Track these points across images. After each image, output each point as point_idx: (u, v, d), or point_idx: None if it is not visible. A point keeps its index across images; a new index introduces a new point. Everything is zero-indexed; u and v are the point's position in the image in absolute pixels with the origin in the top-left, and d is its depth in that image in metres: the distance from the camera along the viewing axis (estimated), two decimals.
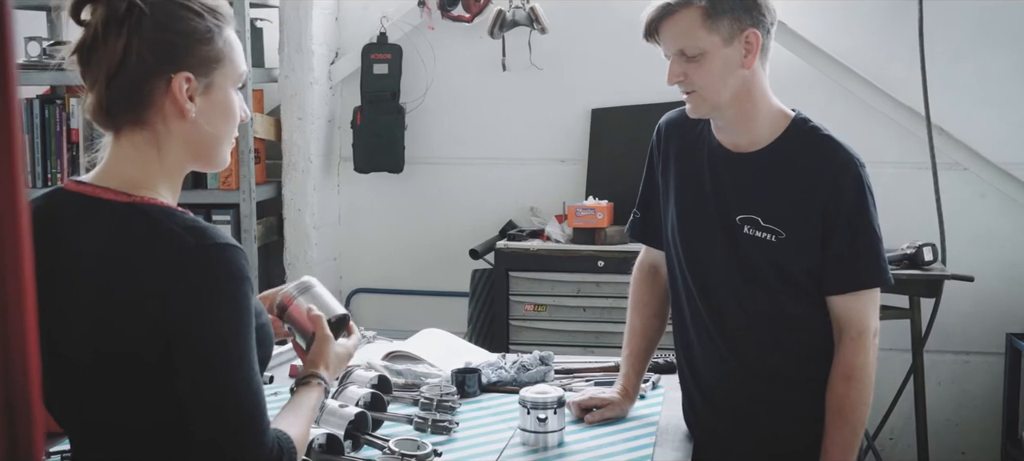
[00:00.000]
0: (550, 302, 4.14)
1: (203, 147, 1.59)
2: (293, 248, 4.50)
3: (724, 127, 2.20)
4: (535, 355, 2.69)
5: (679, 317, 2.34)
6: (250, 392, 1.48)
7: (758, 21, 2.11)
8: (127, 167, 1.55)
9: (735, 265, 2.19)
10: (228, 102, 1.60)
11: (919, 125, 4.14)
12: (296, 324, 1.86)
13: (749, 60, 2.10)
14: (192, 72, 1.53)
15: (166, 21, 1.51)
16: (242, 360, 1.47)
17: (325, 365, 1.77)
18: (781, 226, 2.14)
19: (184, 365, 1.46)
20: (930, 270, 3.82)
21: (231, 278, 1.46)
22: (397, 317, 4.63)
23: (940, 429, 4.27)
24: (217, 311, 1.46)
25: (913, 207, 4.17)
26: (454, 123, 4.61)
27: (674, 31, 2.12)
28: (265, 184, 4.45)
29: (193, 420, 1.48)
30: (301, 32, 4.37)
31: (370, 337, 3.07)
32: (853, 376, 2.13)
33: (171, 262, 1.45)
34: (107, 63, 1.50)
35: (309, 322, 1.83)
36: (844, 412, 2.14)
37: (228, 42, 1.58)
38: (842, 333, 2.15)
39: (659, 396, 2.56)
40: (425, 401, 2.39)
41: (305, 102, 4.41)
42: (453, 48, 4.53)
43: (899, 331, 3.96)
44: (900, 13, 4.14)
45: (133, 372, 1.50)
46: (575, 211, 4.13)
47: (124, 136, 1.56)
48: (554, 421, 2.23)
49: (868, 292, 2.15)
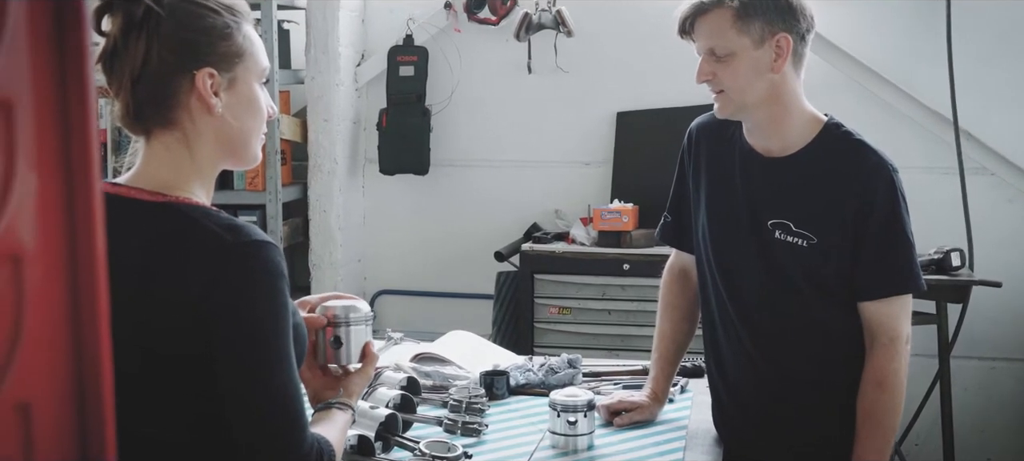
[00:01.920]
0: (575, 305, 4.14)
1: (233, 143, 1.60)
2: (318, 249, 4.51)
3: (755, 131, 2.20)
4: (563, 358, 2.69)
5: (709, 321, 2.34)
6: (290, 389, 1.49)
7: (791, 26, 2.10)
8: (160, 168, 1.57)
9: (765, 270, 2.18)
10: (253, 96, 1.61)
11: (946, 130, 4.11)
12: (341, 346, 1.85)
13: (778, 64, 2.10)
14: (214, 67, 1.55)
15: (184, 20, 1.53)
16: (281, 357, 1.48)
17: (357, 398, 1.82)
18: (813, 231, 2.13)
19: (224, 363, 1.47)
20: (958, 275, 3.80)
21: (269, 275, 1.47)
22: (421, 319, 4.64)
23: (966, 435, 4.24)
24: (256, 308, 1.46)
25: (941, 212, 4.15)
26: (480, 125, 4.62)
27: (705, 30, 2.12)
28: (291, 185, 4.47)
29: (233, 419, 1.48)
30: (327, 34, 4.38)
31: (397, 338, 3.07)
32: (885, 382, 2.13)
33: (210, 260, 1.46)
34: (130, 68, 1.52)
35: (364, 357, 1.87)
36: (876, 418, 2.13)
37: (248, 37, 1.60)
38: (874, 339, 2.14)
39: (688, 400, 2.55)
40: (454, 403, 2.39)
41: (331, 104, 4.43)
42: (479, 51, 4.54)
43: (926, 336, 3.93)
44: (928, 16, 4.12)
45: (175, 376, 1.50)
46: (601, 214, 4.12)
47: (155, 138, 1.57)
48: (584, 424, 2.23)
49: (900, 298, 2.14)
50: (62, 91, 0.69)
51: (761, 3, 2.09)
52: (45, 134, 0.69)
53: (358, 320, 1.86)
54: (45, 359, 0.70)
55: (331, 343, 1.85)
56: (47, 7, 0.69)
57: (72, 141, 0.71)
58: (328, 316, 1.85)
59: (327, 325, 1.85)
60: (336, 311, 1.86)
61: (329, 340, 1.85)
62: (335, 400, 1.78)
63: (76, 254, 0.71)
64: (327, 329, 1.85)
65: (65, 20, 0.69)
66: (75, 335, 0.71)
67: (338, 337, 1.85)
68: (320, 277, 4.52)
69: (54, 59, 0.69)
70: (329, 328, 1.85)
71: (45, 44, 0.68)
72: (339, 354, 1.86)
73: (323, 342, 1.86)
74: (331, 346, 1.85)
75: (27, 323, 0.68)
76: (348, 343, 1.86)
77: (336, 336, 1.85)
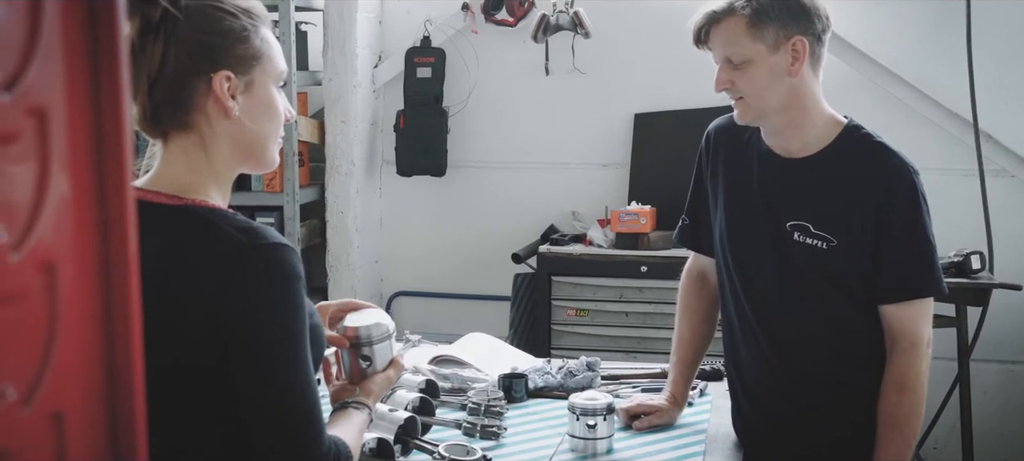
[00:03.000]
0: (592, 307, 4.13)
1: (250, 146, 1.60)
2: (335, 251, 4.52)
3: (773, 133, 2.20)
4: (582, 361, 2.69)
5: (727, 324, 2.33)
6: (307, 391, 1.49)
7: (806, 28, 2.09)
8: (177, 172, 1.56)
9: (784, 272, 2.18)
10: (271, 100, 1.61)
11: (966, 131, 4.09)
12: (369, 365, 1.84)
13: (796, 68, 2.09)
14: (231, 71, 1.54)
15: (201, 23, 1.52)
16: (298, 358, 1.48)
17: (375, 397, 1.81)
18: (832, 233, 2.12)
19: (241, 366, 1.47)
20: (978, 278, 3.78)
21: (286, 277, 1.47)
22: (438, 321, 4.64)
23: (986, 439, 4.21)
24: (272, 311, 1.46)
25: (960, 215, 4.12)
26: (497, 127, 4.62)
27: (720, 39, 2.12)
28: (308, 187, 4.48)
29: (251, 422, 1.48)
30: (345, 35, 4.39)
31: (415, 341, 3.07)
32: (906, 386, 2.12)
33: (226, 263, 1.46)
34: (147, 71, 1.51)
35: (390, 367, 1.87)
36: (897, 423, 2.12)
37: (265, 40, 1.59)
38: (895, 343, 2.13)
39: (707, 403, 2.55)
40: (473, 406, 2.39)
41: (348, 105, 4.43)
42: (496, 52, 4.54)
43: (945, 339, 3.91)
44: (948, 17, 4.10)
45: (194, 380, 1.50)
46: (618, 216, 4.11)
47: (172, 141, 1.57)
48: (603, 428, 2.22)
49: (921, 301, 2.13)
50: (95, 97, 0.69)
51: (774, 8, 2.08)
52: (79, 140, 0.69)
53: (382, 337, 1.85)
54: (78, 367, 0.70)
55: (360, 364, 1.84)
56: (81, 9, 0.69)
57: (104, 147, 0.71)
58: (350, 336, 1.84)
59: (351, 347, 1.84)
60: (359, 332, 1.84)
61: (357, 363, 1.84)
62: (352, 400, 1.77)
63: (109, 260, 0.71)
64: (351, 351, 1.84)
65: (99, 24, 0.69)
66: (107, 342, 0.71)
67: (365, 356, 1.84)
68: (337, 278, 4.53)
69: (88, 64, 0.69)
70: (352, 350, 1.84)
71: (79, 49, 0.68)
72: (366, 372, 1.85)
73: (349, 361, 1.85)
74: (358, 365, 1.84)
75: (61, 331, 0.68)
76: (374, 361, 1.85)
77: (363, 355, 1.84)
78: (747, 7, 2.09)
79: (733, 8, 2.11)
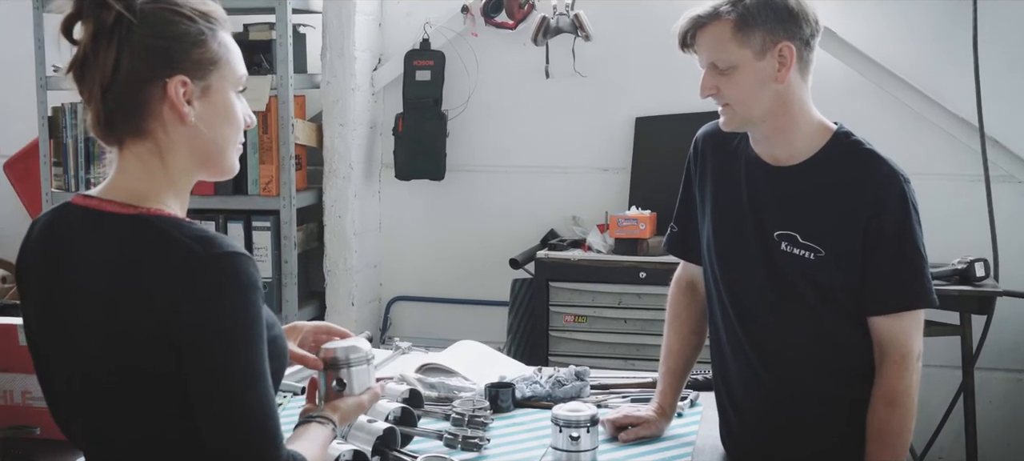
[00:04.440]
0: (591, 313, 4.08)
1: (207, 153, 1.57)
2: (333, 255, 4.48)
3: (761, 140, 2.14)
4: (570, 370, 2.64)
5: (715, 334, 2.28)
6: (263, 403, 1.45)
7: (793, 34, 2.04)
8: (132, 180, 1.54)
9: (771, 282, 2.12)
10: (228, 105, 1.57)
11: (972, 136, 4.03)
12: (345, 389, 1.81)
13: (783, 74, 2.04)
14: (187, 75, 1.51)
15: (156, 27, 1.49)
16: (254, 370, 1.45)
17: (342, 417, 1.77)
18: (820, 243, 2.07)
19: (195, 377, 1.44)
20: (982, 286, 3.71)
21: (241, 287, 1.44)
22: (437, 326, 4.60)
23: (991, 448, 4.14)
24: (227, 320, 1.43)
25: (965, 221, 4.06)
26: (496, 131, 4.57)
27: (706, 43, 2.07)
28: (306, 190, 4.44)
29: (206, 432, 1.45)
30: (343, 38, 4.35)
31: (405, 348, 3.03)
32: (896, 401, 2.06)
33: (180, 272, 1.43)
34: (100, 76, 1.48)
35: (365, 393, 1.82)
36: (886, 438, 2.06)
37: (223, 44, 1.56)
38: (884, 356, 2.07)
39: (697, 414, 2.50)
40: (457, 416, 2.35)
41: (347, 108, 4.39)
42: (496, 55, 4.49)
43: (949, 348, 3.86)
44: (954, 21, 4.04)
45: (147, 387, 1.47)
46: (617, 221, 4.06)
47: (127, 149, 1.54)
48: (587, 440, 2.17)
49: (911, 313, 2.07)
50: None
51: (761, 13, 2.02)
52: None
53: (359, 361, 1.82)
54: None
55: (334, 387, 1.82)
56: None
57: None
58: (326, 358, 1.82)
59: (327, 368, 1.82)
60: (336, 353, 1.82)
61: (331, 384, 1.82)
62: (316, 414, 1.74)
63: None
64: (328, 373, 1.82)
65: None
66: None
67: (341, 380, 1.81)
68: (334, 283, 4.49)
69: None
70: (329, 372, 1.82)
71: None
72: (323, 388, 1.83)
73: (325, 385, 1.82)
74: (334, 390, 1.81)
75: None
76: (350, 385, 1.82)
77: (338, 379, 1.81)
78: (733, 11, 2.04)
79: (718, 12, 2.06)
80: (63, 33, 1.52)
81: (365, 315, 4.61)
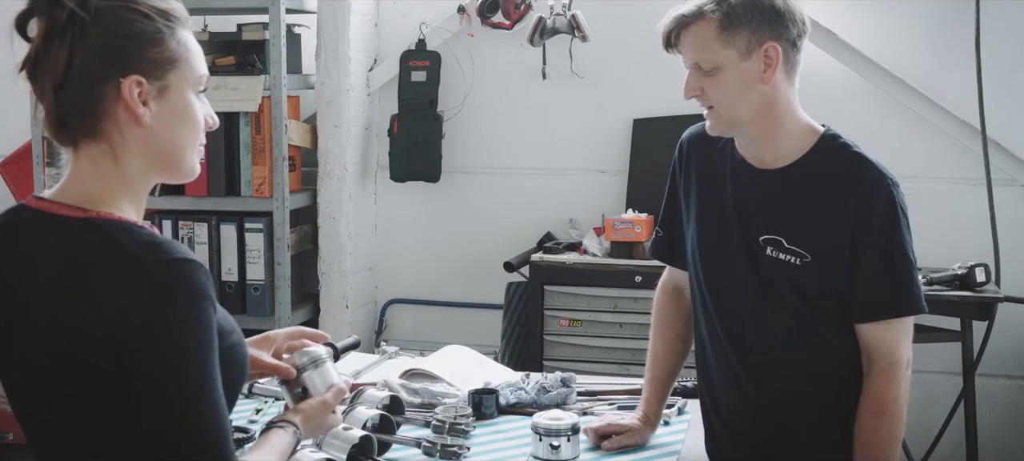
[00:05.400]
0: (586, 318, 4.02)
1: (164, 155, 1.52)
2: (327, 257, 4.44)
3: (747, 143, 2.09)
4: (557, 376, 2.59)
5: (699, 342, 2.22)
6: (210, 412, 1.41)
7: (780, 34, 1.99)
8: (86, 182, 1.49)
9: (757, 289, 2.07)
10: (187, 106, 1.53)
11: (974, 139, 3.96)
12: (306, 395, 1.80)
13: (768, 75, 1.99)
14: (143, 75, 1.47)
15: (111, 25, 1.45)
16: (202, 378, 1.40)
17: (305, 419, 1.73)
18: (806, 248, 2.01)
19: (141, 384, 1.39)
20: (983, 292, 3.65)
21: (188, 294, 1.39)
22: (433, 330, 4.56)
23: (992, 456, 4.07)
24: (173, 327, 1.39)
25: (966, 225, 4.00)
26: (493, 132, 4.52)
27: (690, 43, 2.02)
28: (300, 192, 4.40)
29: (151, 442, 1.40)
30: (338, 38, 4.31)
31: (391, 353, 2.99)
32: (883, 410, 2.00)
33: (126, 279, 1.39)
34: (52, 75, 1.44)
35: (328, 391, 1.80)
36: (873, 448, 2.00)
37: (183, 43, 1.51)
38: (872, 364, 2.02)
39: (684, 423, 2.45)
40: (437, 423, 2.30)
41: (341, 109, 4.35)
42: (492, 55, 4.44)
43: (950, 354, 3.80)
44: (956, 22, 3.98)
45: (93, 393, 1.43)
46: (613, 224, 4.01)
47: (82, 150, 1.50)
48: (567, 449, 2.13)
49: (900, 320, 2.02)
50: None
51: (746, 12, 1.97)
52: None
53: (307, 365, 1.81)
54: None
55: (298, 394, 1.81)
56: None
57: None
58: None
59: (284, 383, 1.81)
60: (293, 361, 1.81)
61: (295, 392, 1.81)
62: (278, 419, 1.71)
63: None
64: (290, 384, 1.81)
65: None
66: None
67: (304, 387, 1.80)
68: (329, 285, 4.45)
69: None
70: (291, 384, 1.81)
71: None
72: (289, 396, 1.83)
73: (290, 396, 1.82)
74: (298, 397, 1.80)
75: None
76: (309, 390, 1.80)
77: (302, 387, 1.80)
78: (717, 10, 1.99)
79: (703, 11, 2.01)
80: (17, 30, 1.48)
81: (360, 318, 4.56)
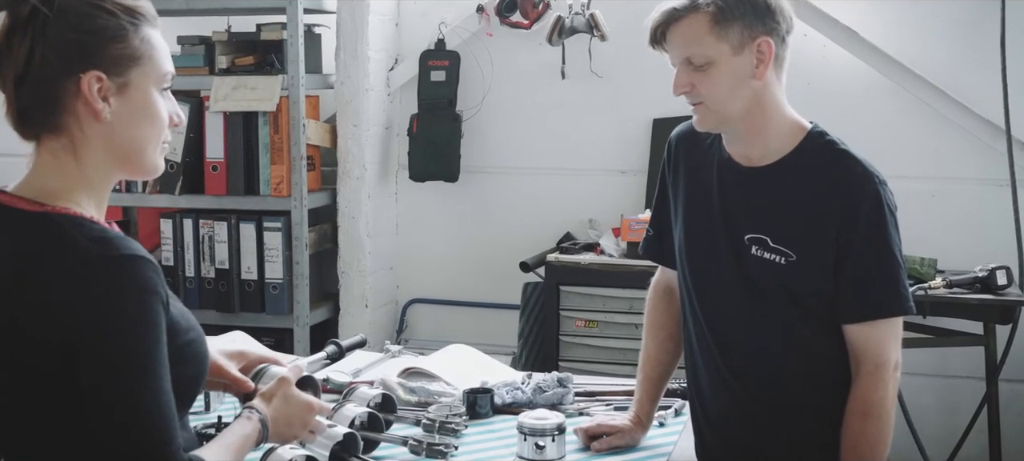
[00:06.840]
0: (602, 318, 4.00)
1: (125, 152, 1.54)
2: (346, 256, 4.45)
3: (734, 140, 2.06)
4: (553, 376, 2.57)
5: (687, 342, 2.20)
6: (156, 409, 1.41)
7: (771, 29, 1.96)
8: (45, 177, 1.51)
9: (743, 289, 2.03)
10: (149, 103, 1.54)
11: (999, 139, 3.88)
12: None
13: (761, 71, 1.96)
14: (103, 71, 1.48)
15: (73, 21, 1.46)
16: (147, 375, 1.41)
17: (265, 398, 1.74)
18: (792, 247, 1.98)
19: (87, 381, 1.40)
20: (1005, 295, 3.58)
21: (136, 290, 1.41)
22: (454, 330, 4.52)
23: None
24: (120, 324, 1.40)
25: (990, 227, 3.93)
26: (512, 132, 4.51)
27: (680, 38, 1.99)
28: (320, 191, 4.41)
29: (97, 436, 1.41)
30: (357, 38, 4.32)
31: (395, 352, 2.99)
32: (870, 413, 1.96)
33: (74, 274, 1.40)
34: (12, 70, 1.46)
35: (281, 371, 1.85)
36: (860, 451, 1.96)
37: (147, 40, 1.52)
38: (859, 365, 1.98)
39: (679, 424, 2.41)
40: (428, 422, 2.29)
41: (360, 109, 4.36)
42: (511, 55, 4.43)
43: (973, 359, 3.73)
44: (980, 21, 3.90)
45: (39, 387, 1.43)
46: (629, 224, 3.98)
47: (43, 145, 1.52)
48: (552, 449, 2.11)
49: (887, 321, 1.97)
50: None
51: (739, 6, 1.94)
52: None
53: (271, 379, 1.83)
54: None
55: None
56: None
57: None
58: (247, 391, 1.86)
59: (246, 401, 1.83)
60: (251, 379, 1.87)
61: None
62: (245, 406, 1.72)
63: None
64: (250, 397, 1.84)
65: None
66: None
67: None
68: (348, 285, 4.45)
69: None
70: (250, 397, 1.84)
71: None
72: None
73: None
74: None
75: None
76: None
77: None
78: (711, 4, 1.96)
79: (696, 4, 1.98)
80: None
81: (380, 317, 4.56)
